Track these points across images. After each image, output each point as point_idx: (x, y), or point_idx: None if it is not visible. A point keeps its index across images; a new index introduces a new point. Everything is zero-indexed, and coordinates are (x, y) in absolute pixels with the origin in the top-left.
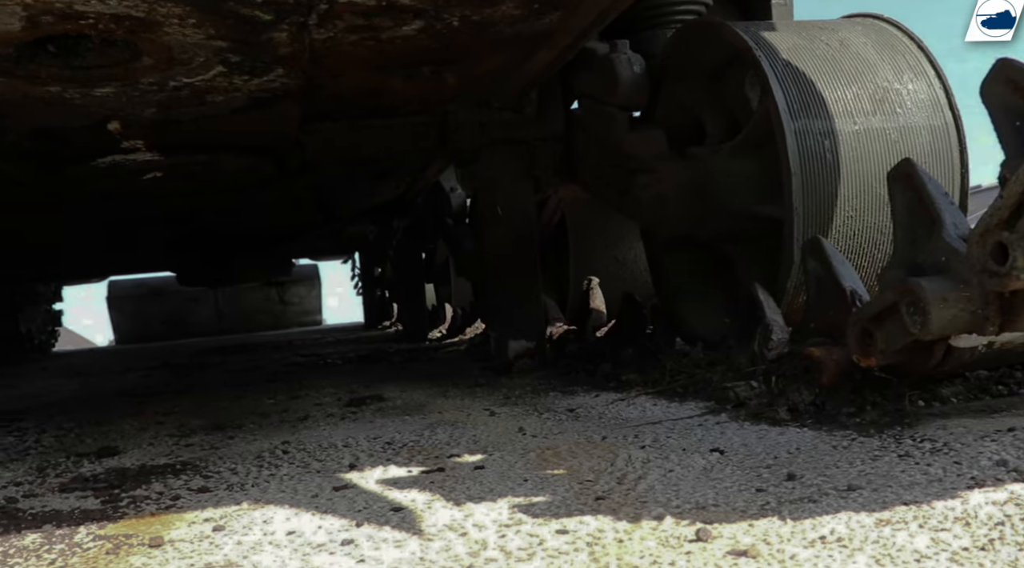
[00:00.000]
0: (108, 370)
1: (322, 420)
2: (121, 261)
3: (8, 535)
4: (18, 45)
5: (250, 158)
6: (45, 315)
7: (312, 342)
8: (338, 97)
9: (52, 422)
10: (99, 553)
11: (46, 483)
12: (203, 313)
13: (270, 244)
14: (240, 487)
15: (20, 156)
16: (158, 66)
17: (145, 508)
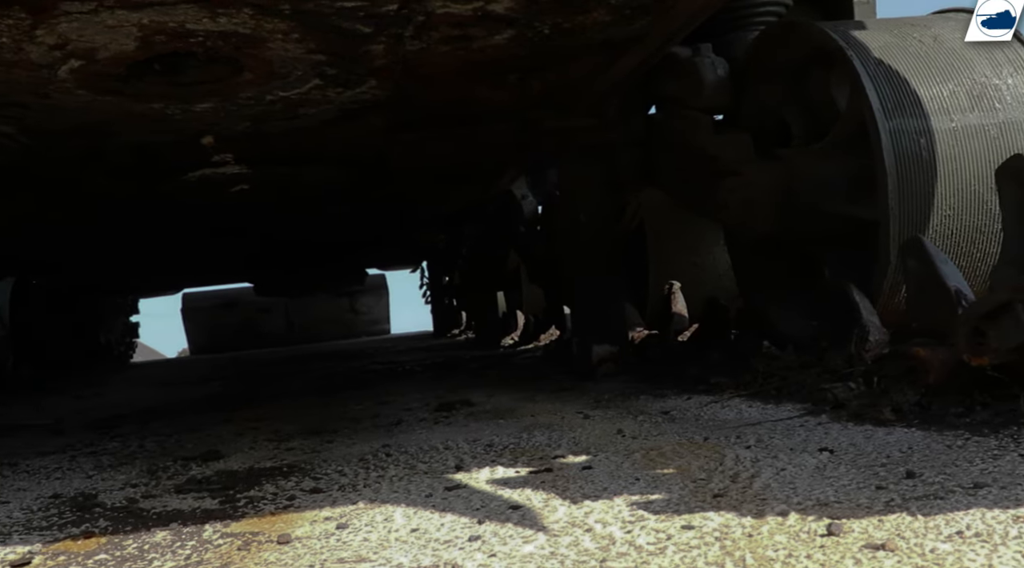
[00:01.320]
0: (189, 380)
1: (416, 424)
2: (199, 273)
3: (139, 532)
4: (129, 65)
5: (333, 169)
6: (123, 327)
7: (384, 350)
8: (424, 107)
9: (149, 429)
10: (231, 549)
11: (160, 485)
12: (274, 323)
13: (345, 254)
14: (352, 488)
15: (118, 172)
16: (257, 81)
17: (264, 508)
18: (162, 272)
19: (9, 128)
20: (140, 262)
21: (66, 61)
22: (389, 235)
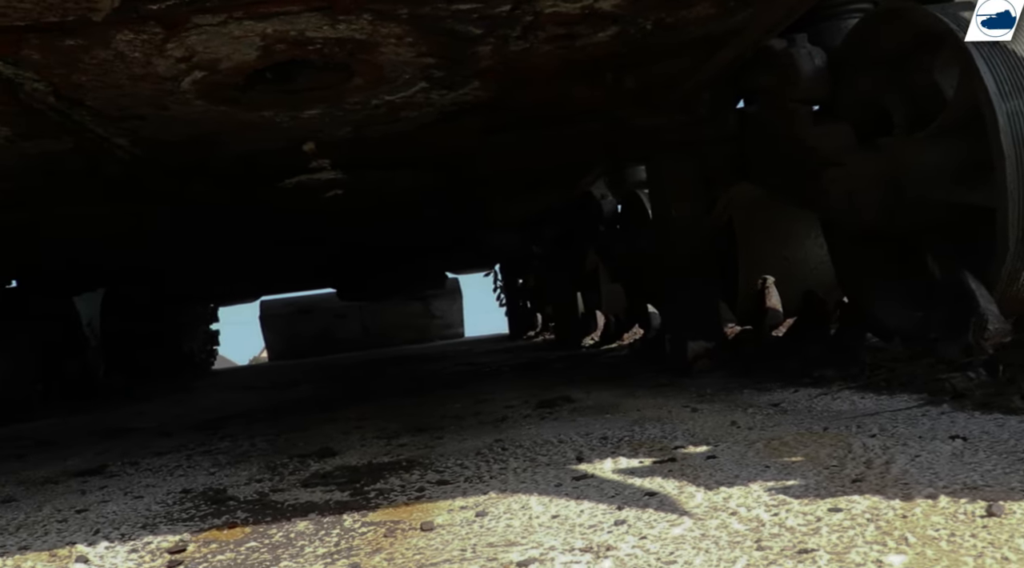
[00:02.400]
0: (276, 385)
1: (521, 420)
2: (282, 279)
3: (280, 522)
4: (247, 74)
5: (424, 173)
6: (204, 335)
7: (464, 353)
8: (518, 108)
9: (254, 429)
10: (376, 536)
11: (285, 480)
12: (349, 329)
13: (426, 258)
14: (478, 479)
15: (218, 181)
16: (366, 86)
17: (396, 499)
18: (245, 279)
19: (123, 140)
20: (224, 270)
21: (190, 73)
22: (469, 238)
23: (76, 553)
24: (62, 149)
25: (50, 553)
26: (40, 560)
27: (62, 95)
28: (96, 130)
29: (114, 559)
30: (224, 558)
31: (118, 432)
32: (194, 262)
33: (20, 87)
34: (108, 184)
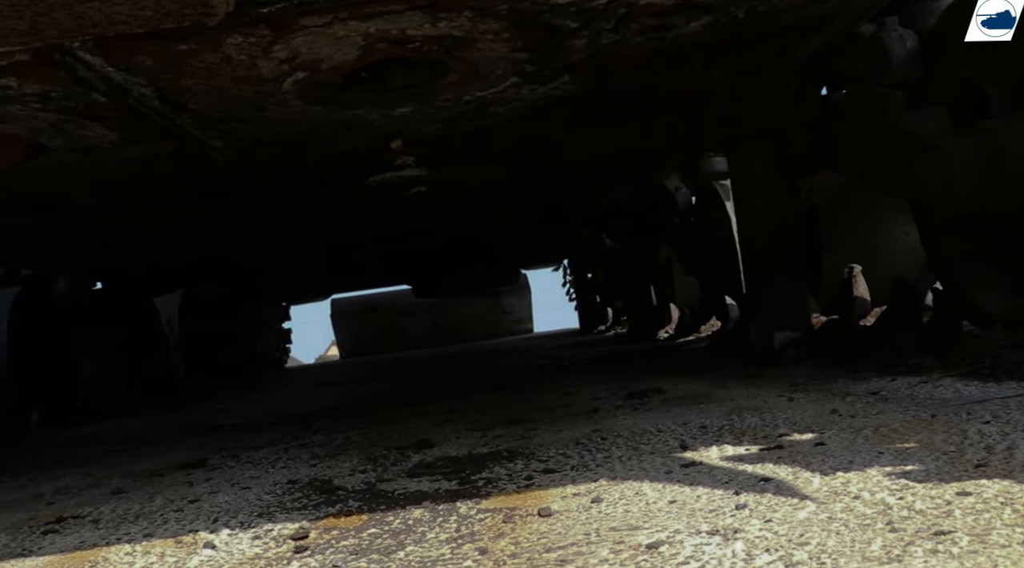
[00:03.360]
0: (352, 381)
1: (613, 411)
2: (356, 277)
3: (394, 510)
4: (345, 74)
5: (506, 167)
6: (277, 334)
7: (537, 348)
8: (604, 101)
9: (343, 424)
10: (495, 522)
11: (388, 471)
12: (419, 325)
13: (500, 254)
14: (584, 468)
15: (306, 181)
16: (460, 82)
17: (506, 487)
18: (319, 278)
19: (219, 142)
20: (300, 269)
21: (292, 74)
22: (543, 234)
23: (202, 539)
24: (162, 152)
25: (175, 540)
26: (166, 546)
27: (167, 99)
28: (194, 133)
29: (239, 545)
30: (348, 544)
31: (207, 428)
32: (270, 261)
33: (128, 93)
34: (199, 186)
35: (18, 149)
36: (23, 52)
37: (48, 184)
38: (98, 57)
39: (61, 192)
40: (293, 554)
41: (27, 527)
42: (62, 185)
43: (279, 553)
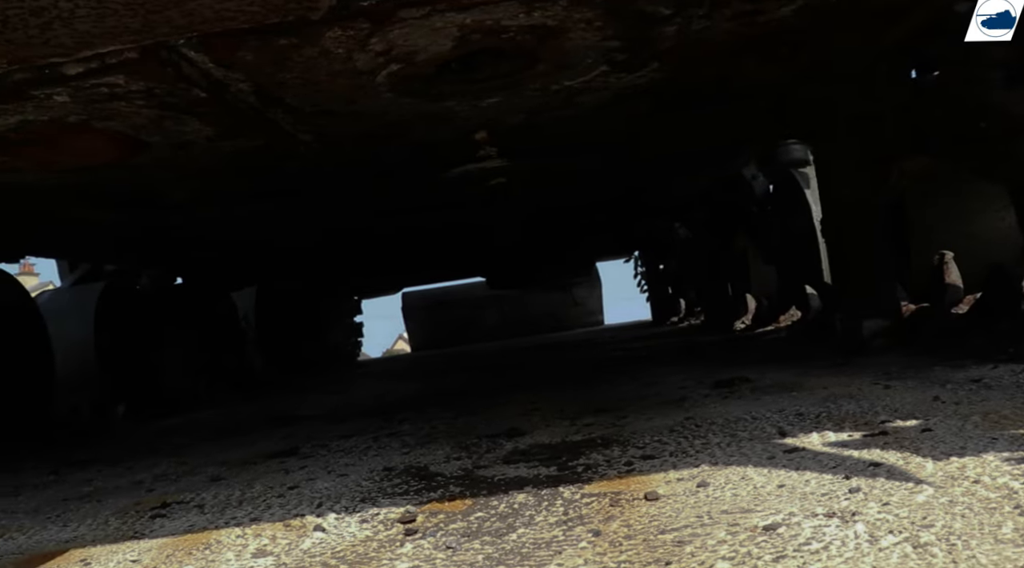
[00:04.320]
0: (427, 373)
1: (702, 400)
2: (429, 269)
3: (497, 495)
4: (438, 65)
5: (585, 157)
6: (348, 328)
7: (610, 340)
8: (689, 88)
9: (427, 414)
10: (603, 505)
11: (483, 458)
12: (489, 318)
13: (574, 246)
14: (683, 454)
15: (388, 174)
16: (549, 71)
17: (606, 473)
18: (393, 271)
19: (308, 136)
20: (374, 263)
21: (387, 66)
22: (615, 225)
23: (310, 523)
24: (253, 147)
25: (283, 524)
26: (275, 529)
27: (263, 94)
28: (286, 127)
29: (348, 528)
30: (457, 526)
31: (290, 419)
32: (346, 255)
33: (227, 88)
34: (282, 180)
35: (120, 145)
36: (132, 50)
37: (141, 180)
38: (201, 54)
39: (152, 188)
40: (404, 536)
41: (134, 511)
42: (154, 181)
43: (390, 536)
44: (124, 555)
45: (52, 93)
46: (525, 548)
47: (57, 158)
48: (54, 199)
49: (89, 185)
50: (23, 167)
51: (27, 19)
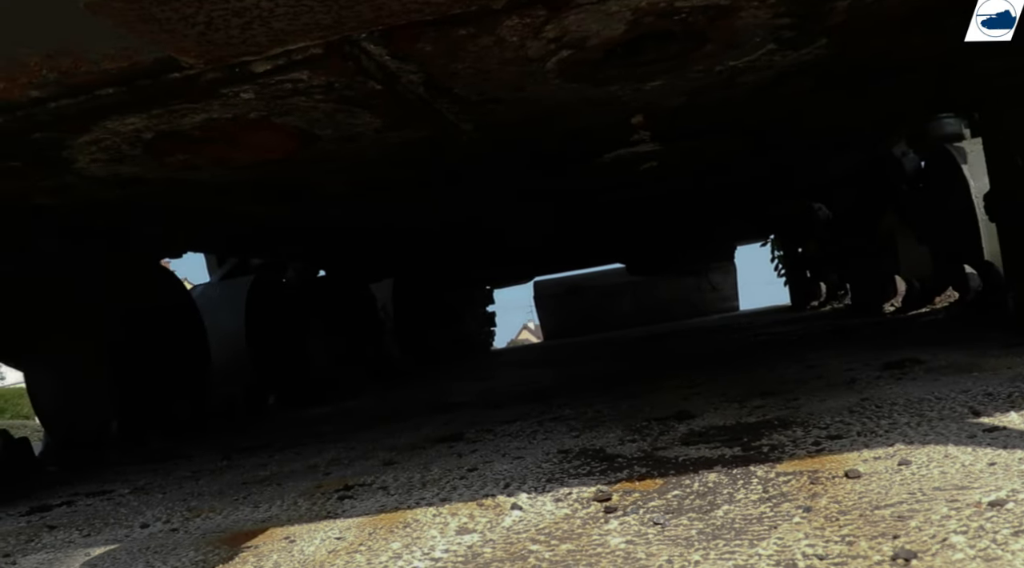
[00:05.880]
0: (566, 361)
1: (874, 381)
2: (567, 258)
3: (688, 475)
4: (607, 50)
5: (738, 139)
6: (482, 317)
7: (749, 325)
8: (853, 64)
9: (585, 399)
10: (803, 483)
11: (659, 440)
12: (622, 305)
13: (714, 230)
14: (872, 434)
15: (538, 160)
16: (715, 52)
17: (795, 453)
18: (531, 260)
19: (469, 125)
20: (512, 252)
21: (558, 52)
22: (754, 207)
23: (505, 502)
24: (417, 138)
25: (476, 503)
26: (470, 508)
27: (432, 85)
28: (449, 117)
29: (544, 506)
30: (656, 504)
31: (443, 406)
32: (484, 245)
33: (398, 80)
34: (436, 170)
35: (294, 140)
36: (319, 46)
37: (304, 174)
38: (380, 46)
39: (314, 181)
40: (606, 514)
41: (319, 493)
42: (316, 174)
43: (590, 513)
44: (326, 533)
45: (239, 91)
46: (736, 523)
47: (235, 154)
48: (224, 195)
49: (257, 180)
50: (201, 164)
51: (230, 20)
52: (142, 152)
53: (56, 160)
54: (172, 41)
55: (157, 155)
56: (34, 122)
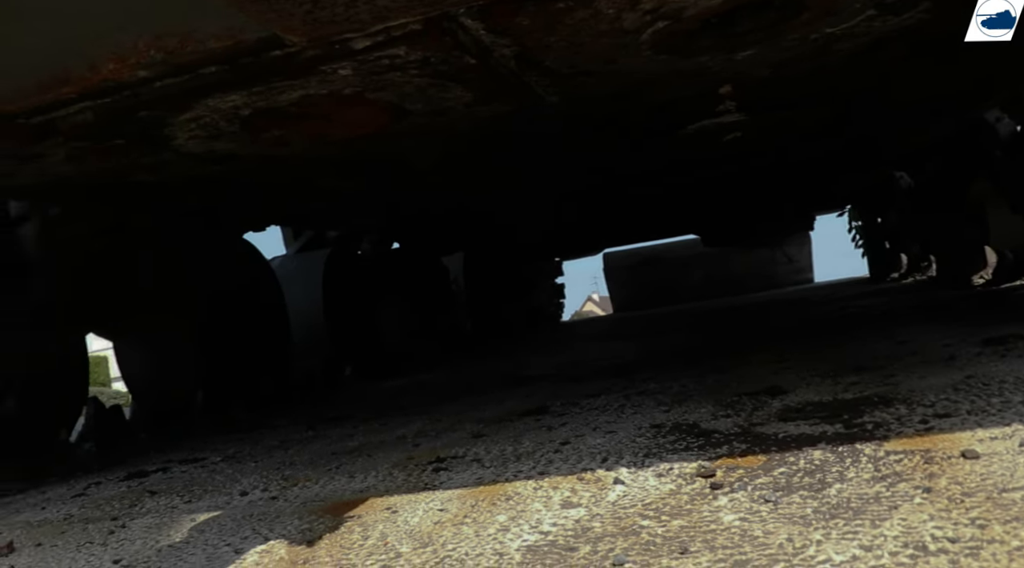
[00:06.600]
0: (642, 334)
1: (974, 358)
2: (641, 229)
3: (791, 451)
4: (703, 21)
5: (830, 108)
6: (551, 289)
7: (827, 298)
8: (951, 29)
9: (668, 374)
10: (916, 463)
11: (754, 415)
12: (693, 278)
13: (791, 200)
14: (984, 412)
15: (622, 132)
16: (812, 20)
17: (902, 431)
18: (601, 231)
19: (556, 98)
20: (583, 224)
21: (653, 24)
22: (832, 176)
23: (606, 476)
24: (505, 111)
25: (576, 477)
26: (571, 482)
27: (524, 58)
28: (537, 90)
29: (647, 481)
30: (763, 481)
31: (521, 379)
32: (558, 217)
33: (491, 54)
34: (522, 145)
35: (387, 115)
36: (418, 22)
37: (393, 148)
38: (478, 21)
39: (402, 155)
40: (712, 490)
41: (412, 465)
42: (405, 149)
43: (695, 489)
44: (427, 504)
45: (337, 67)
46: (852, 503)
47: (328, 130)
48: (311, 170)
49: (346, 155)
50: (294, 139)
51: None
52: (239, 129)
53: (157, 138)
54: (279, 20)
55: (253, 131)
56: (140, 101)
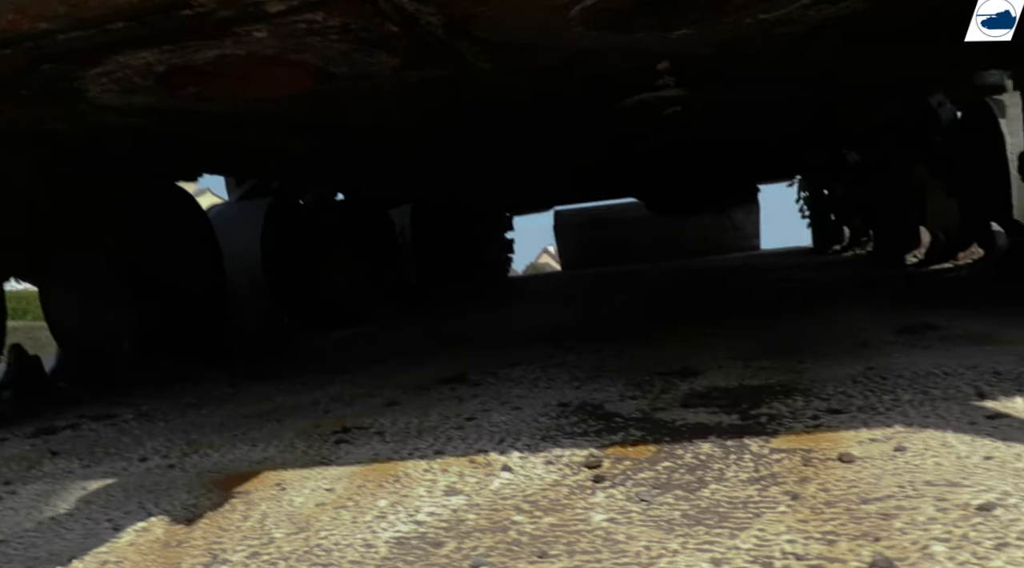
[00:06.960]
0: (584, 295)
1: (884, 347)
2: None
3: (681, 443)
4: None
5: (768, 88)
6: (501, 244)
7: (771, 267)
8: (887, 18)
9: (595, 343)
10: (795, 464)
11: (659, 399)
12: (642, 239)
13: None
14: (872, 410)
15: (561, 102)
16: (746, 5)
17: (792, 426)
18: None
19: (487, 65)
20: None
21: (580, 1)
22: (784, 149)
23: (496, 461)
24: (435, 77)
25: (468, 459)
26: (461, 465)
27: (451, 27)
28: (468, 58)
29: (534, 469)
30: (645, 476)
31: (453, 340)
32: (506, 177)
33: (416, 21)
34: (454, 108)
35: (309, 76)
36: None
37: (322, 108)
38: None
39: (333, 114)
40: (593, 484)
41: (316, 435)
42: (336, 108)
43: (578, 481)
44: (317, 482)
45: (252, 30)
46: (721, 507)
47: (248, 88)
48: (238, 126)
49: (272, 114)
50: (215, 96)
51: None
52: (154, 83)
53: (67, 90)
54: None
55: (169, 87)
56: (44, 53)
